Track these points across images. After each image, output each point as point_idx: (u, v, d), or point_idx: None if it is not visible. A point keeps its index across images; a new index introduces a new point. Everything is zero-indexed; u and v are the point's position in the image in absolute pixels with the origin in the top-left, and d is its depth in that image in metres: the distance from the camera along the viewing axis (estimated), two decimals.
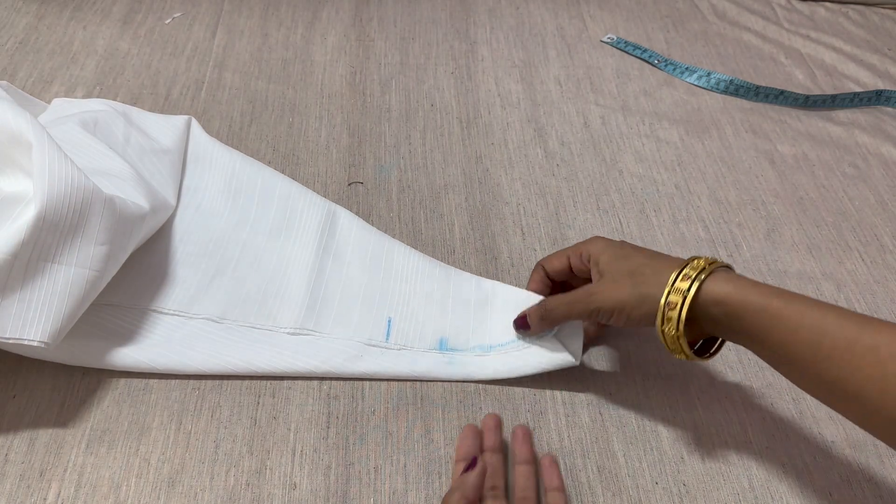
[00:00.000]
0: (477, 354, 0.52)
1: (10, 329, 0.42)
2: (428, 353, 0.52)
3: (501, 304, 0.54)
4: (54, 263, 0.44)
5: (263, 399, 0.49)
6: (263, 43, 0.78)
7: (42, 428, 0.46)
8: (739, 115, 0.75)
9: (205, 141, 0.62)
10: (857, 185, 0.69)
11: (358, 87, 0.74)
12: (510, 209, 0.63)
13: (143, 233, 0.51)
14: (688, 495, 0.46)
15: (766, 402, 0.51)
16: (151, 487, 0.44)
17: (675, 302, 0.41)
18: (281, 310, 0.53)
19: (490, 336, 0.52)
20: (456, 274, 0.56)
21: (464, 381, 0.51)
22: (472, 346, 0.52)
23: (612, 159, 0.69)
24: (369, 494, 0.45)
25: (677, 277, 0.42)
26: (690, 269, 0.42)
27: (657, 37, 0.85)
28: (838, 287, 0.59)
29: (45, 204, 0.42)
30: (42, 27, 0.77)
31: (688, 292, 0.41)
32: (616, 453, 0.48)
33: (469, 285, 0.55)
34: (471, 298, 0.55)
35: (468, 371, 0.51)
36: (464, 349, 0.52)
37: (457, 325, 0.53)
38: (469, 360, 0.51)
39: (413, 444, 0.48)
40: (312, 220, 0.58)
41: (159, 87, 0.72)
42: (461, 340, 0.52)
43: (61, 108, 0.61)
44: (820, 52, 0.84)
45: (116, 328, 0.50)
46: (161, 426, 0.47)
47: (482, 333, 0.53)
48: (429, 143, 0.69)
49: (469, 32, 0.83)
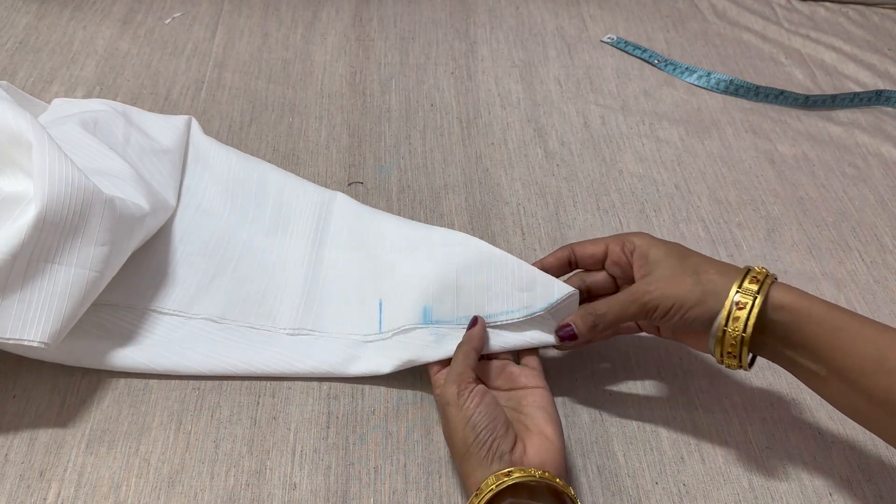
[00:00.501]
0: (463, 326, 0.48)
1: (10, 329, 0.42)
2: (414, 333, 0.49)
3: (490, 273, 0.49)
4: (54, 264, 0.44)
5: (263, 399, 0.49)
6: (263, 43, 0.78)
7: (42, 428, 0.46)
8: (739, 115, 0.75)
9: (204, 141, 0.62)
10: (857, 185, 0.69)
11: (358, 87, 0.74)
12: (510, 209, 0.63)
13: (143, 233, 0.51)
14: (688, 495, 0.46)
15: (766, 403, 0.51)
16: (151, 487, 0.44)
17: (743, 302, 0.41)
18: (280, 310, 0.53)
19: (477, 307, 0.48)
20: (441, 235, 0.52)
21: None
22: (458, 317, 0.49)
23: (612, 159, 0.69)
24: (369, 494, 0.45)
25: (744, 279, 0.42)
26: (755, 273, 0.42)
27: (657, 37, 0.85)
28: (838, 287, 0.59)
29: (46, 204, 0.42)
30: (42, 27, 0.77)
31: (758, 293, 0.41)
32: (616, 453, 0.48)
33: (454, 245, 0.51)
34: (454, 262, 0.49)
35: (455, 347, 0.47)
36: (449, 320, 0.49)
37: (441, 292, 0.49)
38: (456, 333, 0.48)
39: (413, 444, 0.48)
40: (307, 212, 0.58)
41: (159, 87, 0.72)
42: (446, 309, 0.49)
43: (61, 108, 0.61)
44: (820, 52, 0.84)
45: (116, 328, 0.50)
46: (161, 426, 0.47)
47: (467, 303, 0.49)
48: (429, 143, 0.69)
49: (469, 32, 0.83)
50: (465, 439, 0.41)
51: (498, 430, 0.41)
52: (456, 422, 0.42)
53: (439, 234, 0.53)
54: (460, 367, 0.44)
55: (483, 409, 0.42)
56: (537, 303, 0.48)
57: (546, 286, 0.48)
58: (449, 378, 0.44)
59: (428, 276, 0.50)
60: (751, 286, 0.41)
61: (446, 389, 0.43)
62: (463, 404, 0.42)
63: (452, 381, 0.43)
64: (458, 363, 0.44)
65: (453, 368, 0.44)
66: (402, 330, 0.50)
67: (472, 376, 0.44)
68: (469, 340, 0.46)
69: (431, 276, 0.50)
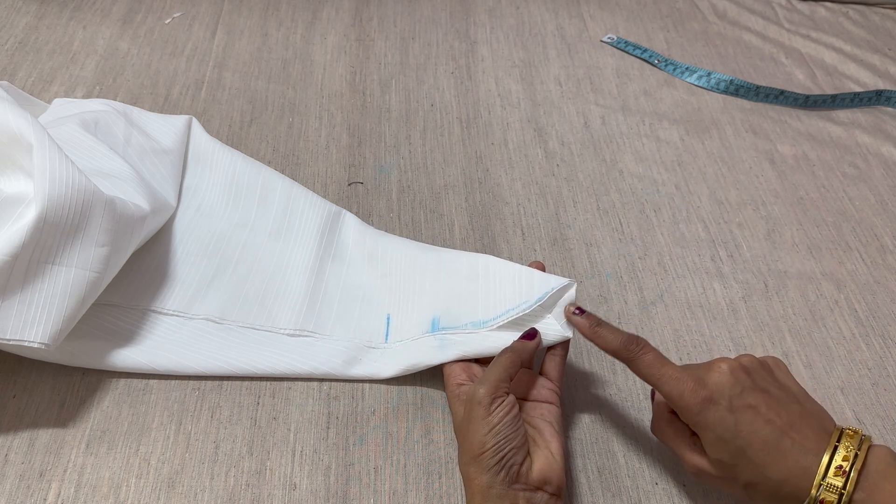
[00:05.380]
0: (468, 332, 0.49)
1: (10, 330, 0.42)
2: (420, 340, 0.50)
3: (494, 278, 0.50)
4: (55, 265, 0.44)
5: (263, 399, 0.49)
6: (263, 43, 0.78)
7: (42, 428, 0.47)
8: (739, 115, 0.75)
9: (205, 141, 0.62)
10: (858, 185, 0.69)
11: (358, 87, 0.74)
12: (510, 209, 0.63)
13: (143, 234, 0.51)
14: (688, 496, 0.46)
15: None
16: (151, 488, 0.44)
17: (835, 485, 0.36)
18: (281, 311, 0.53)
19: (483, 311, 0.49)
20: (449, 254, 0.54)
21: (458, 359, 0.48)
22: (465, 323, 0.49)
23: (612, 159, 0.69)
24: (369, 495, 0.45)
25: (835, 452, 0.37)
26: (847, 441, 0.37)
27: (657, 37, 0.85)
28: (838, 287, 0.59)
29: (46, 205, 0.42)
30: (42, 27, 0.77)
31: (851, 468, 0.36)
32: (616, 453, 0.48)
33: (461, 261, 0.52)
34: (461, 273, 0.51)
35: (460, 350, 0.48)
36: (455, 327, 0.49)
37: (448, 302, 0.51)
38: (460, 338, 0.49)
39: (413, 444, 0.48)
40: (313, 222, 0.58)
41: (159, 87, 0.72)
42: (453, 317, 0.50)
43: (62, 108, 0.61)
44: (820, 52, 0.84)
45: (116, 328, 0.50)
46: (161, 426, 0.47)
47: (474, 308, 0.49)
48: (429, 143, 0.69)
49: (469, 32, 0.83)
50: (482, 444, 0.40)
51: (516, 443, 0.41)
52: (479, 424, 0.41)
53: (448, 255, 0.54)
54: (501, 373, 0.43)
55: (510, 420, 0.41)
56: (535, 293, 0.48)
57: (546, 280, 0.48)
58: (486, 379, 0.42)
59: (437, 291, 0.51)
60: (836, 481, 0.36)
61: (479, 389, 0.42)
62: (493, 410, 0.41)
63: (489, 383, 0.42)
64: (499, 367, 0.43)
65: (493, 371, 0.43)
66: (409, 341, 0.51)
67: (508, 385, 0.43)
68: (519, 349, 0.45)
69: (441, 290, 0.51)
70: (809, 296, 0.59)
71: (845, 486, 0.36)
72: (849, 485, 0.36)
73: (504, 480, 0.40)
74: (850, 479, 0.36)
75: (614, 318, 0.56)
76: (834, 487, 0.36)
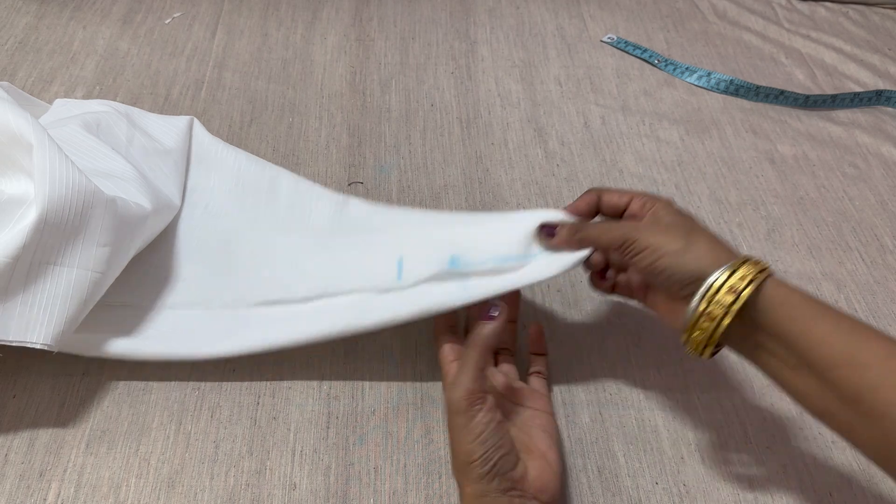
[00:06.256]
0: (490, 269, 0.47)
1: (13, 332, 0.42)
2: (441, 284, 0.47)
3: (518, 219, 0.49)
4: (56, 265, 0.44)
5: (263, 399, 0.49)
6: (263, 43, 0.78)
7: (42, 428, 0.47)
8: (739, 115, 0.75)
9: (208, 141, 0.62)
10: (857, 185, 0.69)
11: (358, 87, 0.74)
12: (510, 209, 0.63)
13: (146, 233, 0.51)
14: (688, 495, 0.46)
15: (766, 403, 0.51)
16: (151, 488, 0.44)
17: (735, 286, 0.39)
18: (293, 283, 0.52)
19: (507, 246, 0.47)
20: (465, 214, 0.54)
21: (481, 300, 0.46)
22: (486, 259, 0.47)
23: (612, 159, 0.69)
24: (369, 495, 0.45)
25: (739, 266, 0.39)
26: (750, 265, 0.40)
27: (657, 37, 0.85)
28: (838, 287, 0.59)
29: (47, 206, 0.42)
30: (42, 27, 0.77)
31: (750, 283, 0.39)
32: (616, 453, 0.48)
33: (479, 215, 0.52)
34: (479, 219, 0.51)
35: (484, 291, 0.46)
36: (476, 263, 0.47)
37: (469, 240, 0.49)
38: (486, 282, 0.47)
39: (413, 444, 0.48)
40: (322, 215, 0.57)
41: (159, 87, 0.72)
42: (473, 255, 0.48)
43: (63, 109, 0.61)
44: (820, 52, 0.84)
45: (125, 324, 0.50)
46: (161, 426, 0.47)
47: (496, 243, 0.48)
48: (429, 143, 0.69)
49: (469, 32, 0.83)
50: (470, 453, 0.40)
51: (504, 447, 0.40)
52: (463, 432, 0.40)
53: (464, 215, 0.53)
54: (472, 374, 0.41)
55: (494, 426, 0.40)
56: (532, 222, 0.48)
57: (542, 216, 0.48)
58: (459, 383, 0.41)
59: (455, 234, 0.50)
60: (746, 273, 0.39)
61: (455, 395, 0.41)
62: (473, 416, 0.40)
63: (463, 388, 0.41)
64: (469, 369, 0.41)
65: (464, 375, 0.41)
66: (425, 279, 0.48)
67: (483, 385, 0.41)
68: (482, 341, 0.43)
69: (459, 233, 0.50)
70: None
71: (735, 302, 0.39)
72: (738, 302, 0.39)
73: (498, 488, 0.39)
74: (741, 297, 0.38)
75: (615, 318, 0.56)
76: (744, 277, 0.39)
